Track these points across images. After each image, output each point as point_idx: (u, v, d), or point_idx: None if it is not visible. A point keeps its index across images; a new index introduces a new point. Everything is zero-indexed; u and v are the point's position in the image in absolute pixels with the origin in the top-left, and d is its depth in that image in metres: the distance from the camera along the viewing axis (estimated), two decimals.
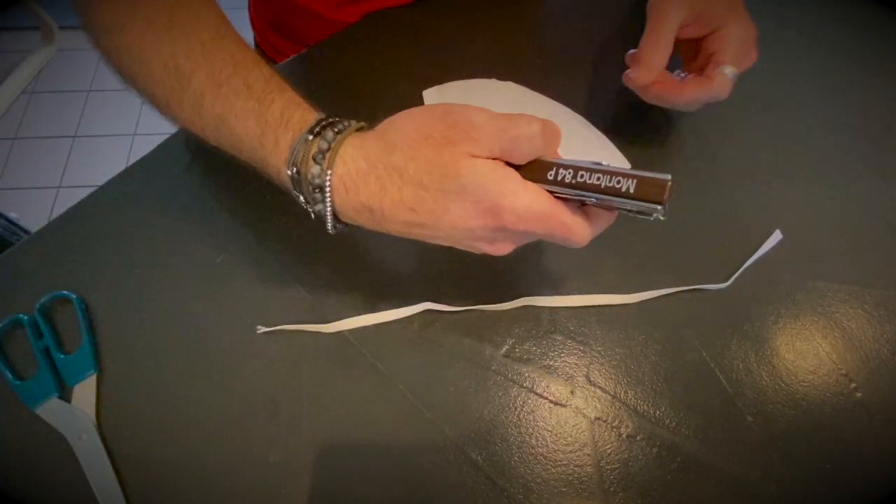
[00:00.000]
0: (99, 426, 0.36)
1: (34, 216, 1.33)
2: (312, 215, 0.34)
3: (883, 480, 0.35)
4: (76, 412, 0.37)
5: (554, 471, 0.35)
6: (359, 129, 0.32)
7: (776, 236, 0.43)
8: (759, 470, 0.35)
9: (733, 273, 0.41)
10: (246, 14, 0.70)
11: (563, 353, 0.39)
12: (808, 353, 0.39)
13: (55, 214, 0.45)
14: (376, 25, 0.54)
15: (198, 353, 0.39)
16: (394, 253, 0.42)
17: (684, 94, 0.41)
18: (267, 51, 0.69)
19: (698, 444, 0.36)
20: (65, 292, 0.40)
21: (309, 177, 0.31)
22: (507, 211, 0.28)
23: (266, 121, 0.32)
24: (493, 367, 0.38)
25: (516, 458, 0.36)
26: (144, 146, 0.48)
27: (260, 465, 0.35)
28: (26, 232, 1.13)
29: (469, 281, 0.41)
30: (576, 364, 0.39)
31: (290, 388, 0.38)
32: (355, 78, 0.50)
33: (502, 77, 0.50)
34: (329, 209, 0.31)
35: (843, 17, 0.55)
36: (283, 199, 0.44)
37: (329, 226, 0.33)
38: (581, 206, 0.30)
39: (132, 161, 0.47)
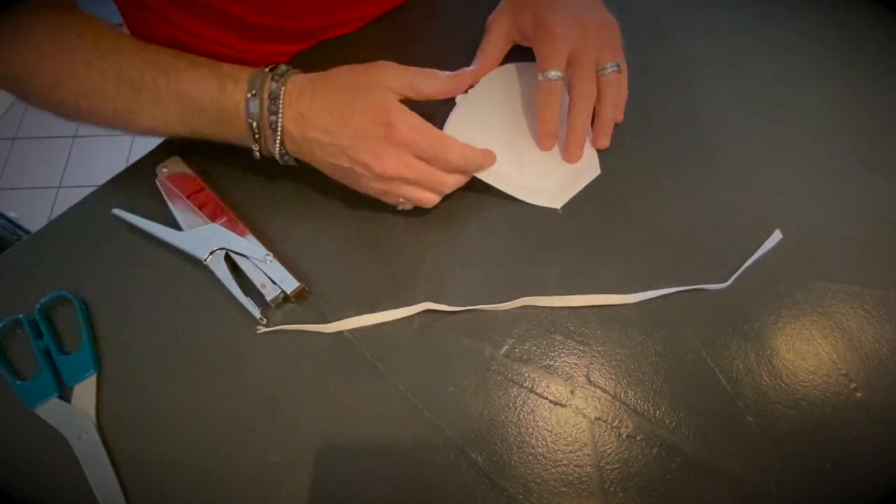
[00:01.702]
0: (99, 426, 0.36)
1: (34, 216, 1.33)
2: (257, 154, 0.41)
3: (883, 480, 0.35)
4: (76, 412, 0.37)
5: (554, 471, 0.35)
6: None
7: (776, 236, 0.43)
8: (759, 470, 0.35)
9: (733, 273, 0.41)
10: None
11: (563, 353, 0.39)
12: (808, 353, 0.39)
13: (55, 214, 0.45)
14: (376, 26, 0.54)
15: (198, 353, 0.39)
16: (394, 253, 0.42)
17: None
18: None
19: (698, 444, 0.36)
20: (65, 292, 0.40)
21: (267, 93, 0.39)
22: (398, 122, 0.37)
23: (221, 75, 0.40)
24: (493, 367, 0.38)
25: (516, 458, 0.36)
26: (144, 146, 0.48)
27: (260, 465, 0.35)
28: (26, 232, 1.12)
29: (469, 281, 0.41)
30: (576, 364, 0.39)
31: (290, 388, 0.38)
32: None
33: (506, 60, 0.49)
34: (280, 122, 0.39)
35: (843, 16, 0.55)
36: (283, 198, 0.45)
37: (277, 145, 0.40)
38: None
39: (132, 161, 0.47)
